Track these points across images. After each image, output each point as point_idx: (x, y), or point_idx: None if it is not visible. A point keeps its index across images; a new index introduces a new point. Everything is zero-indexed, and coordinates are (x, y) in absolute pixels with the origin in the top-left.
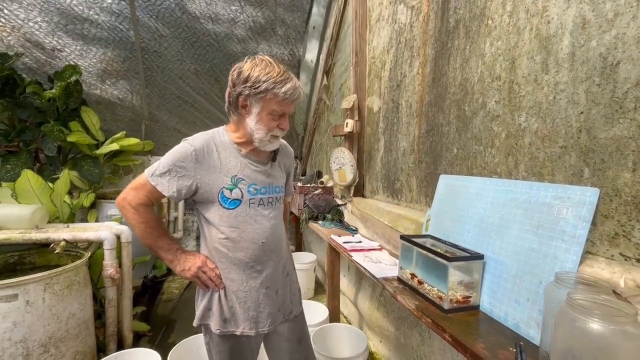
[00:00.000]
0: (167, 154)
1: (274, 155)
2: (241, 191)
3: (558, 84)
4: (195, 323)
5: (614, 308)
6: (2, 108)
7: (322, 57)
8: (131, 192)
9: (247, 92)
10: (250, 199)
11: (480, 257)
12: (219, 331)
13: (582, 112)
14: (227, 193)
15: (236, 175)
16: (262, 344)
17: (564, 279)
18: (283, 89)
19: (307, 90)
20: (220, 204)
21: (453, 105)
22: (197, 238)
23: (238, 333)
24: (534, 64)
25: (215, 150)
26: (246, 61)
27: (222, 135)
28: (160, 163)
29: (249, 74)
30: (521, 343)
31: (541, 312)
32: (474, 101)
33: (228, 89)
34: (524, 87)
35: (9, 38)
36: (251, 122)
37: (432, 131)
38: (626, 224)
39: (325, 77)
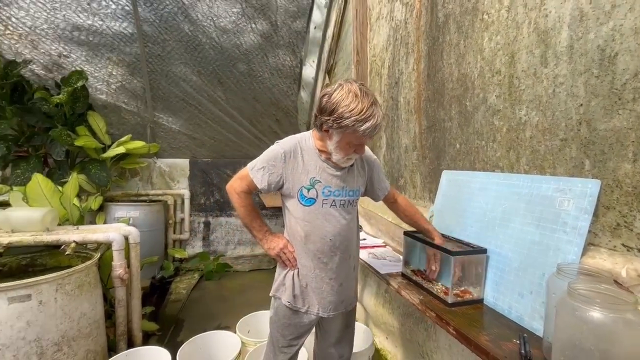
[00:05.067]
0: (263, 153)
1: None
2: (317, 191)
3: (557, 77)
4: (271, 293)
5: (613, 296)
6: (12, 114)
7: (324, 56)
8: (237, 180)
9: (330, 123)
10: (323, 200)
11: (483, 251)
12: (288, 304)
13: (581, 105)
14: (305, 192)
15: (314, 177)
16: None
17: (565, 270)
18: (363, 127)
19: (309, 90)
20: (299, 201)
21: (454, 101)
22: (203, 239)
23: (303, 310)
24: (533, 57)
25: (300, 153)
26: (335, 89)
27: (308, 140)
28: (258, 160)
29: (334, 108)
30: (525, 335)
31: (544, 304)
32: (475, 96)
33: (315, 110)
34: (523, 81)
35: (17, 45)
36: (331, 146)
37: (434, 127)
38: (627, 214)
39: (327, 76)
